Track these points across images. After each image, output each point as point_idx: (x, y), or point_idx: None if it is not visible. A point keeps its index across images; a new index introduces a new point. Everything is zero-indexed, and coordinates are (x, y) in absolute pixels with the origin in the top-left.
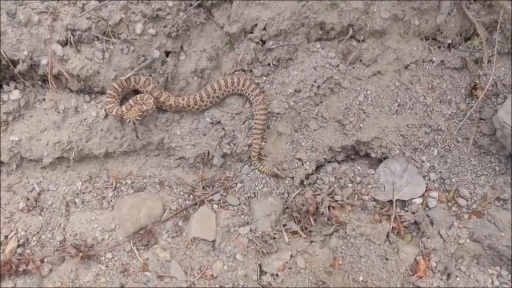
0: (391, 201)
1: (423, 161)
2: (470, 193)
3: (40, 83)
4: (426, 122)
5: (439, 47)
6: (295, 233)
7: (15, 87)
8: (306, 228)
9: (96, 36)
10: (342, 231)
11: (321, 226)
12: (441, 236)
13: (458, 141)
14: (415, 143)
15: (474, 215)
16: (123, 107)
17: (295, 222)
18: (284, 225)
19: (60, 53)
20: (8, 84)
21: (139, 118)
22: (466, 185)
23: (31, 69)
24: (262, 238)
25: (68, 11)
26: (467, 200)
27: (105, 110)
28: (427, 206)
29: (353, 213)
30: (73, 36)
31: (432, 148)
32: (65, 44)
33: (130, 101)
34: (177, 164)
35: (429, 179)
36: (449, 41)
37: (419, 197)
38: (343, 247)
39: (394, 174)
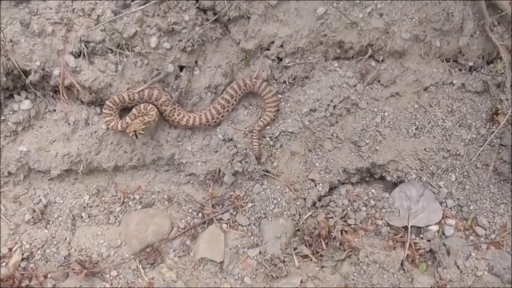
0: (406, 227)
1: (440, 187)
2: (489, 222)
3: (51, 93)
4: (444, 147)
5: (460, 70)
6: (305, 257)
7: (26, 97)
8: (317, 253)
9: (110, 49)
10: (354, 257)
11: (333, 251)
12: (458, 267)
13: (477, 168)
14: (433, 168)
15: (493, 246)
16: (127, 117)
17: (306, 245)
18: (295, 249)
19: (73, 64)
20: (19, 94)
21: (142, 132)
22: (485, 214)
23: (43, 80)
24: (272, 261)
25: (82, 22)
26: (485, 230)
27: (106, 126)
28: (444, 233)
29: (366, 238)
30: (86, 47)
31: (450, 174)
32: (78, 55)
33: (134, 111)
34: (186, 180)
35: (446, 206)
36: (471, 64)
37: (436, 224)
38: (355, 274)
39: (409, 199)
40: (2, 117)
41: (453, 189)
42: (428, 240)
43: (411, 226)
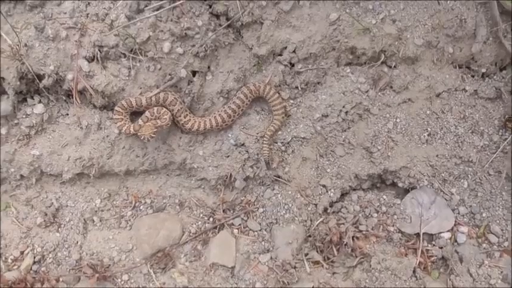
0: (417, 234)
1: (452, 194)
2: (502, 230)
3: (64, 97)
4: (457, 153)
5: (473, 76)
6: (317, 263)
7: (40, 101)
8: (329, 259)
9: (123, 53)
10: (366, 263)
11: (345, 257)
12: (471, 275)
13: (489, 175)
14: (445, 174)
15: (506, 254)
16: (140, 120)
17: (317, 251)
18: (306, 255)
19: (86, 68)
20: (32, 98)
21: (154, 135)
22: (498, 221)
23: (56, 84)
24: (283, 267)
25: (96, 27)
26: (498, 237)
27: (119, 130)
28: (456, 241)
29: (378, 244)
30: (100, 52)
31: (462, 180)
32: (91, 60)
33: (147, 113)
34: (197, 185)
35: (458, 213)
36: (483, 70)
37: (448, 231)
38: (367, 281)
39: (421, 205)
40: (15, 121)
41: (465, 196)
42: (441, 248)
43: (423, 233)
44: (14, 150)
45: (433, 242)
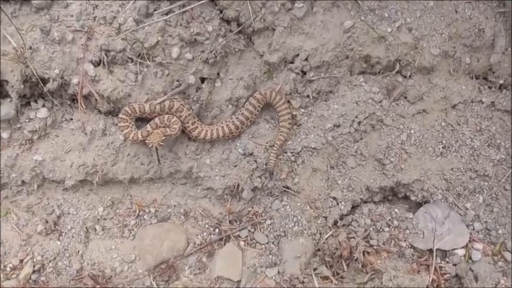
0: (430, 250)
1: (467, 209)
2: None
3: (69, 102)
4: (472, 167)
5: (490, 87)
6: (326, 278)
7: (43, 105)
8: (338, 274)
9: (130, 58)
10: (377, 280)
11: (355, 273)
12: None
13: (506, 189)
14: (459, 189)
15: None
16: (148, 126)
17: (326, 266)
18: (315, 269)
19: (92, 73)
20: (36, 102)
21: (162, 143)
22: None
23: (61, 88)
24: (291, 282)
25: (103, 30)
26: None
27: (125, 137)
28: (471, 258)
29: (389, 260)
30: (106, 56)
31: (477, 195)
32: (97, 64)
33: (157, 120)
34: (203, 194)
35: (473, 229)
36: (501, 82)
37: (462, 247)
38: None
39: (435, 220)
40: (18, 125)
41: (481, 211)
42: (454, 265)
43: (436, 249)
44: (16, 155)
45: (447, 259)
